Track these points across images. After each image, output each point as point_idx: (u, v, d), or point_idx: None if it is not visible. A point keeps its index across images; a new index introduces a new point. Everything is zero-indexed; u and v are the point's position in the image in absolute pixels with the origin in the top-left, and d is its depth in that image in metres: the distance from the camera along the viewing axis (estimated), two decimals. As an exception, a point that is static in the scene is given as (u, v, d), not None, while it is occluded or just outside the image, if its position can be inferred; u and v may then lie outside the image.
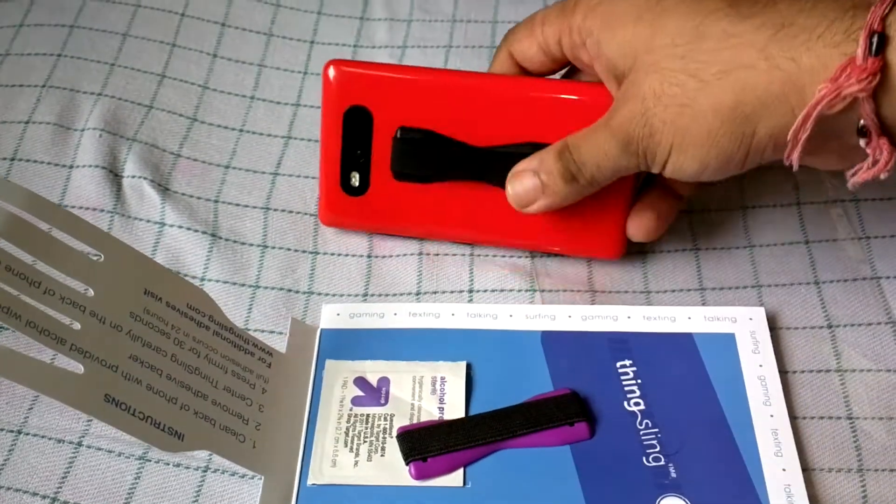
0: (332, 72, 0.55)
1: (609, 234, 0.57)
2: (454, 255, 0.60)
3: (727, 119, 0.45)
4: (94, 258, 0.47)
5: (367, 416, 0.52)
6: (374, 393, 0.53)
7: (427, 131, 0.55)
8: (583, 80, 0.56)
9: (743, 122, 0.45)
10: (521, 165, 0.53)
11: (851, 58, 0.41)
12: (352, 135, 0.56)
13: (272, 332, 0.57)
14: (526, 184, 0.52)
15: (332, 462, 0.50)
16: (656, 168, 0.49)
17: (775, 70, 0.44)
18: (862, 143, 0.43)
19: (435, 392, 0.53)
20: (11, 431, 0.52)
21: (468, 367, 0.54)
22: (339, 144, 0.56)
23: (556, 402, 0.52)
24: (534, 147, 0.53)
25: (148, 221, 0.62)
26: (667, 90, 0.46)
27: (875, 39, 0.41)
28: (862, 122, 0.42)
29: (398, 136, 0.55)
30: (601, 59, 0.51)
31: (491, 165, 0.55)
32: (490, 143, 0.55)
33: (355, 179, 0.57)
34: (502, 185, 0.54)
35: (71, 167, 0.65)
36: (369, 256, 0.61)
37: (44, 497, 0.50)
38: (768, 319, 0.55)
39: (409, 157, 0.55)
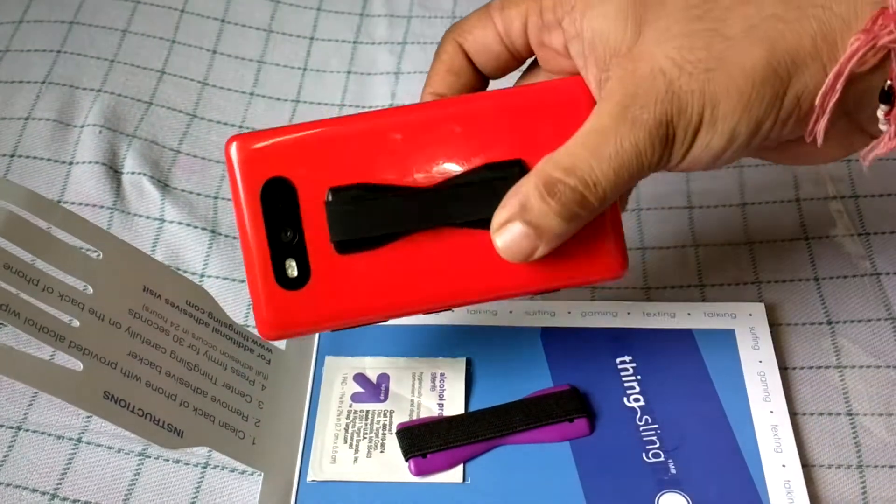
0: (234, 150, 0.44)
1: (610, 249, 0.45)
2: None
3: (759, 80, 0.40)
4: (93, 256, 0.47)
5: (367, 412, 0.52)
6: (374, 389, 0.53)
7: (363, 185, 0.45)
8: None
9: (775, 81, 0.40)
10: (501, 215, 0.43)
11: (884, 7, 0.38)
12: (274, 214, 0.44)
13: (272, 328, 0.57)
14: (515, 236, 0.42)
15: (332, 458, 0.50)
16: (676, 157, 0.42)
17: (806, 21, 0.40)
18: (881, 112, 0.40)
19: (434, 388, 0.53)
20: (11, 428, 0.52)
21: (468, 363, 0.54)
22: (263, 231, 0.44)
23: (555, 399, 0.52)
24: (492, 168, 0.44)
25: (148, 218, 0.62)
26: (688, 56, 0.40)
27: None
28: (889, 83, 0.39)
29: (329, 199, 0.44)
30: (582, 36, 0.43)
31: (446, 203, 0.45)
32: (440, 179, 0.45)
33: (292, 268, 0.45)
34: (467, 223, 0.44)
35: (71, 164, 0.65)
36: (369, 253, 0.61)
37: (43, 493, 0.50)
38: (768, 315, 0.55)
39: (348, 220, 0.45)
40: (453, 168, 0.44)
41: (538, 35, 0.46)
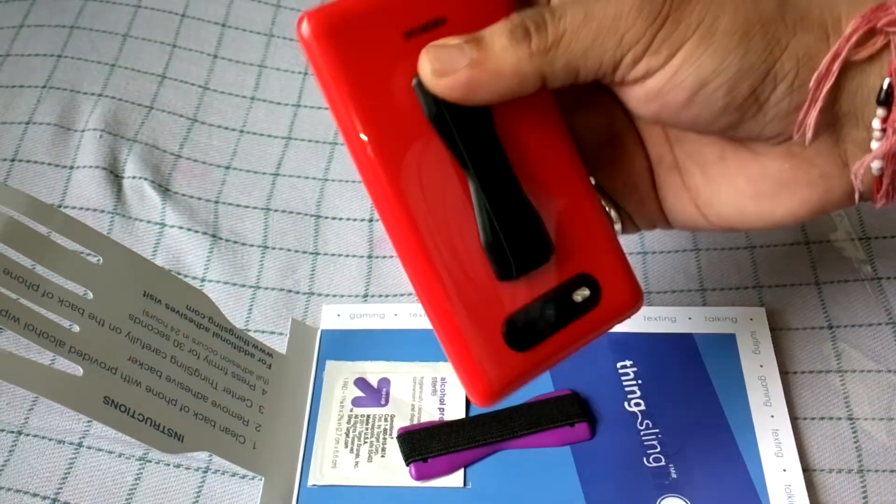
0: None
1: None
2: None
3: (767, 18, 0.38)
4: (93, 261, 0.47)
5: (368, 416, 0.52)
6: (375, 394, 0.53)
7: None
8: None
9: (780, 27, 0.38)
10: (445, 39, 0.38)
11: (883, 4, 0.38)
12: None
13: (272, 332, 0.57)
14: (448, 46, 0.38)
15: (333, 463, 0.50)
16: (654, 55, 0.38)
17: None
18: (877, 121, 0.39)
19: (435, 393, 0.53)
20: (12, 432, 0.52)
21: (468, 367, 0.54)
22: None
23: (556, 403, 0.52)
24: None
25: (148, 222, 0.62)
26: None
27: None
28: (888, 81, 0.38)
29: None
30: None
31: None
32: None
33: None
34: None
35: (71, 168, 0.65)
36: (370, 257, 0.61)
37: (44, 498, 0.50)
38: (769, 320, 0.55)
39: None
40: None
41: None
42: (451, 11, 0.39)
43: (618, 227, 0.45)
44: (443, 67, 0.37)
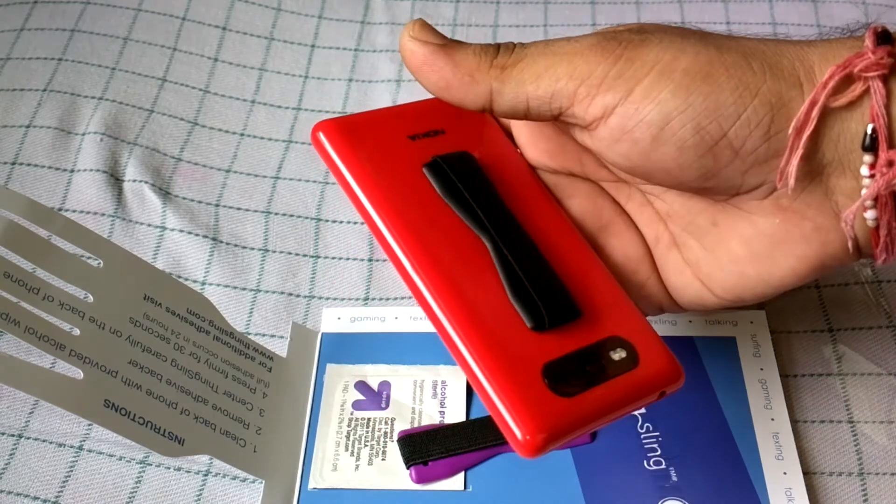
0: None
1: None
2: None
3: (731, 62, 0.39)
4: (94, 264, 0.47)
5: (368, 419, 0.52)
6: (375, 397, 0.53)
7: None
8: None
9: (747, 72, 0.38)
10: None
11: (859, 52, 0.38)
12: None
13: (273, 336, 0.57)
14: (437, 29, 0.42)
15: (333, 466, 0.50)
16: (611, 93, 0.39)
17: (784, 48, 0.40)
18: (865, 168, 0.38)
19: (436, 396, 0.53)
20: (13, 436, 0.52)
21: (469, 370, 0.54)
22: None
23: (556, 406, 0.52)
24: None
25: (149, 225, 0.62)
26: (666, 29, 0.41)
27: (881, 32, 0.38)
28: (871, 126, 0.38)
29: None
30: None
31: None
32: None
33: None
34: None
35: (72, 171, 0.65)
36: (370, 260, 0.61)
37: (45, 501, 0.50)
38: (769, 323, 0.55)
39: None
40: None
41: None
42: (449, 126, 0.45)
43: None
44: (419, 36, 0.41)
